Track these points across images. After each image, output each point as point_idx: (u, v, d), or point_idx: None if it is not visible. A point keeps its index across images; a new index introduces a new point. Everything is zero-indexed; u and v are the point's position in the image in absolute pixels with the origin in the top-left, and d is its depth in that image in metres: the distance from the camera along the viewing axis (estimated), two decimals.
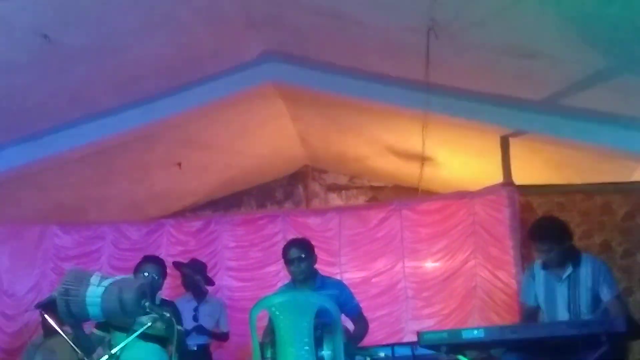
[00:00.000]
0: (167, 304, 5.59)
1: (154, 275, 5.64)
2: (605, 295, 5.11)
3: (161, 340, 5.34)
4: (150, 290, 5.05)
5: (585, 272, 5.16)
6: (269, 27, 7.88)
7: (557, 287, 5.23)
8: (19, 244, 9.05)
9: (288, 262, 5.56)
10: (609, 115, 7.13)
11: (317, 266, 5.79)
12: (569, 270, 5.19)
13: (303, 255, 5.51)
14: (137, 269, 5.76)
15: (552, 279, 5.26)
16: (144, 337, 5.00)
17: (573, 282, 5.17)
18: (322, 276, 5.75)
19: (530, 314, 5.45)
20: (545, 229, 5.35)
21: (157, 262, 5.94)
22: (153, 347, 5.39)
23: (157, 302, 5.34)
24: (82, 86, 7.74)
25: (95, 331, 5.59)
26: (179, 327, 5.35)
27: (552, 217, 6.16)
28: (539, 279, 5.34)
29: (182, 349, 5.72)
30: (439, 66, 7.01)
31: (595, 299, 5.13)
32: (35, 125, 8.18)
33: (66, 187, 9.77)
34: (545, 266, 5.31)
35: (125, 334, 5.07)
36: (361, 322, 5.61)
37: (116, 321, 4.98)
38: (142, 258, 6.04)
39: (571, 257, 5.23)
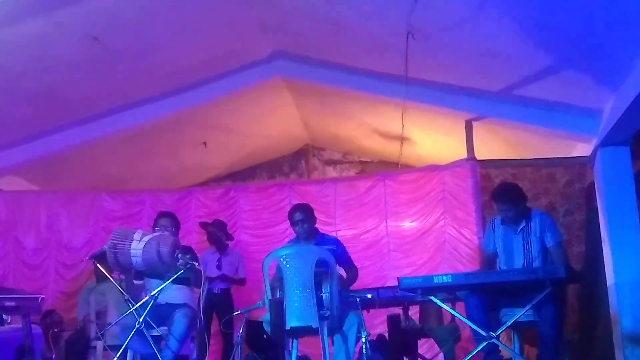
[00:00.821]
0: (188, 250, 5.58)
1: (168, 228, 5.60)
2: (549, 241, 5.12)
3: (187, 282, 5.35)
4: None
5: (535, 224, 5.18)
6: (278, 32, 7.83)
7: (514, 238, 5.23)
8: (75, 208, 9.07)
9: (293, 223, 5.57)
10: (553, 103, 7.10)
11: (316, 225, 5.80)
12: (523, 224, 5.21)
13: (305, 218, 5.52)
14: (154, 224, 5.75)
15: (509, 232, 5.28)
16: (174, 280, 5.02)
17: (526, 233, 5.19)
18: (321, 233, 5.76)
19: (488, 260, 5.47)
20: (506, 193, 5.37)
21: (169, 216, 5.91)
22: (182, 288, 5.41)
23: None
24: (125, 80, 7.72)
25: (135, 282, 5.60)
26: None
27: (511, 183, 6.17)
28: (498, 232, 5.35)
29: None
30: (415, 63, 6.97)
31: (544, 246, 5.15)
32: (87, 111, 8.18)
33: (113, 162, 9.78)
34: (503, 222, 5.32)
35: (158, 280, 5.10)
36: (352, 271, 5.63)
37: (153, 269, 4.99)
38: (157, 214, 6.04)
39: (524, 214, 5.24)
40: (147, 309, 4.82)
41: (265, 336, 4.62)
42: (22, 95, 7.28)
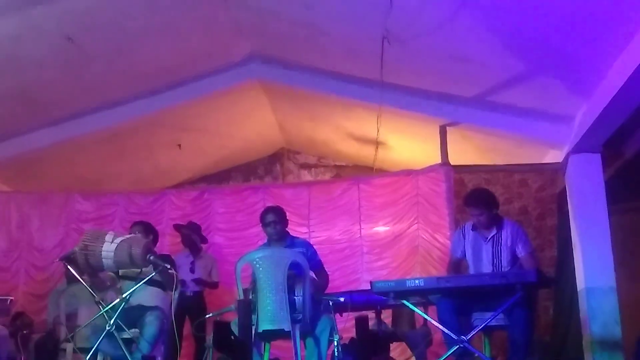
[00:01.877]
0: (164, 257, 5.55)
1: (141, 234, 5.58)
2: (520, 252, 5.15)
3: (160, 285, 5.31)
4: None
5: (506, 233, 5.20)
6: (255, 34, 7.82)
7: (483, 245, 5.25)
8: (47, 208, 8.96)
9: (265, 224, 5.54)
10: (526, 109, 7.16)
11: (291, 227, 5.78)
12: (493, 232, 5.23)
13: (277, 220, 5.49)
14: (129, 231, 5.74)
15: (479, 238, 5.29)
16: (148, 282, 4.99)
17: (496, 242, 5.20)
18: (292, 236, 5.74)
19: (456, 264, 5.49)
20: (478, 197, 5.38)
21: (142, 224, 5.93)
22: (155, 290, 5.37)
23: None
24: (99, 81, 7.67)
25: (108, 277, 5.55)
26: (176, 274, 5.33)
27: (483, 189, 6.21)
28: (468, 238, 5.36)
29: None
30: (391, 68, 6.99)
31: (514, 256, 5.17)
32: (61, 112, 8.12)
33: (86, 163, 9.68)
34: (474, 227, 5.33)
35: (133, 282, 5.06)
36: (323, 276, 5.60)
37: (125, 271, 4.96)
38: (131, 223, 6.05)
39: (496, 221, 5.26)
40: (118, 311, 4.78)
41: (233, 337, 4.59)
42: None
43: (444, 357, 4.72)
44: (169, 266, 4.88)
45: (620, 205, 7.34)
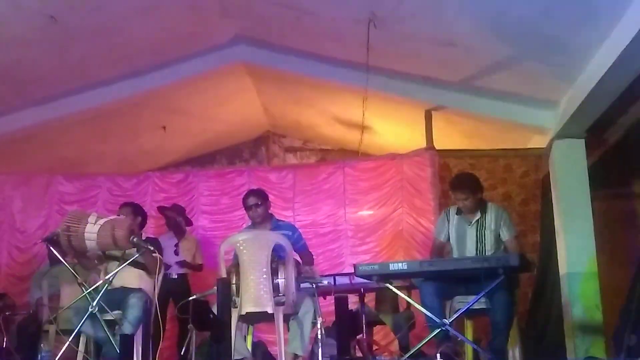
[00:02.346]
0: (151, 240, 5.54)
1: (129, 216, 5.58)
2: (505, 236, 5.18)
3: (144, 267, 5.30)
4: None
5: (490, 217, 5.23)
6: (240, 16, 7.77)
7: (467, 229, 5.28)
8: (30, 190, 8.90)
9: (247, 208, 5.55)
10: (511, 94, 7.19)
11: (276, 211, 5.80)
12: (477, 216, 5.25)
13: (259, 202, 5.50)
14: (117, 213, 5.73)
15: (463, 222, 5.32)
16: (131, 264, 4.99)
17: (480, 226, 5.23)
18: (277, 219, 5.75)
19: (439, 248, 5.51)
20: (464, 181, 5.41)
21: (131, 205, 5.95)
22: (138, 272, 5.36)
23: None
24: (82, 60, 7.59)
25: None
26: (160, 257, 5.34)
27: (469, 173, 6.23)
28: (452, 221, 5.38)
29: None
30: (377, 51, 6.98)
31: (498, 240, 5.20)
32: (42, 92, 8.02)
33: (69, 144, 9.60)
34: (459, 212, 5.36)
35: (118, 262, 5.05)
36: (307, 257, 5.62)
37: (109, 253, 4.96)
38: (119, 205, 6.02)
39: (480, 205, 5.29)
40: (101, 292, 4.78)
41: (212, 316, 4.60)
42: None
43: (426, 340, 4.77)
44: (152, 248, 4.89)
45: (603, 191, 7.40)
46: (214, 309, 4.66)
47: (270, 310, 4.78)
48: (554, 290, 7.15)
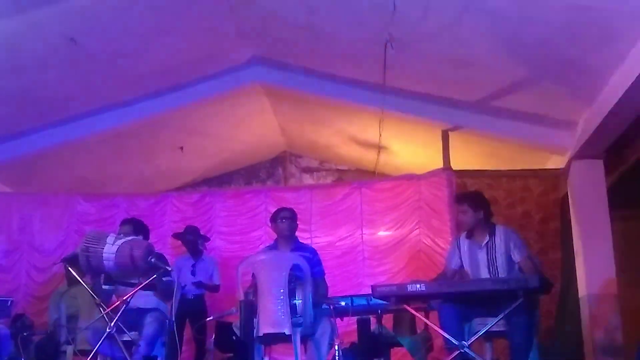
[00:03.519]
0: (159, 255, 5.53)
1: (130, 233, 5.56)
2: (516, 256, 5.11)
3: (155, 290, 5.29)
4: None
5: (499, 239, 5.16)
6: (257, 37, 7.84)
7: (478, 253, 5.22)
8: (49, 210, 8.96)
9: (279, 219, 5.57)
10: (529, 115, 7.18)
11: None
12: (487, 238, 5.20)
13: (292, 217, 5.57)
14: (118, 230, 5.71)
15: (474, 246, 5.26)
16: (145, 287, 4.98)
17: (490, 249, 5.17)
18: (299, 242, 5.76)
19: (451, 276, 5.47)
20: (465, 195, 5.42)
21: (131, 222, 5.90)
22: (151, 293, 5.36)
23: None
24: (101, 82, 7.68)
25: (104, 287, 5.55)
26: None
27: (475, 191, 6.20)
28: (463, 247, 5.32)
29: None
30: (393, 72, 7.00)
31: (509, 261, 5.14)
32: (62, 113, 8.13)
33: (88, 164, 9.69)
34: (468, 235, 5.31)
35: (128, 287, 5.05)
36: (322, 285, 5.59)
37: (125, 275, 4.96)
38: (121, 221, 6.01)
39: (487, 227, 5.24)
40: (119, 313, 4.79)
41: (234, 338, 4.60)
42: None
43: None
44: (170, 269, 4.90)
45: (622, 212, 7.35)
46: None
47: (287, 332, 4.77)
48: (575, 312, 7.08)
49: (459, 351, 4.52)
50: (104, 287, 5.37)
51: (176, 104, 8.52)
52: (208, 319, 6.50)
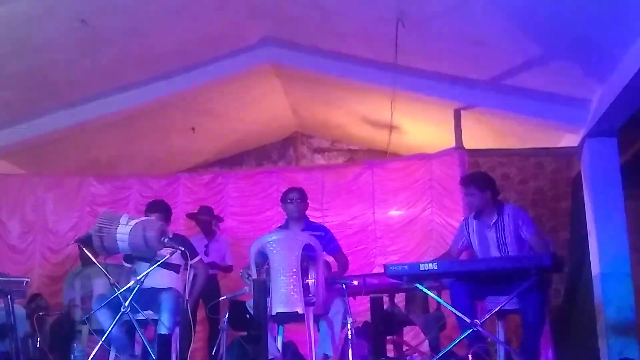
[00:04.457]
0: (179, 237, 5.58)
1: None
2: (526, 234, 5.09)
3: (174, 268, 5.34)
4: None
5: (507, 217, 5.15)
6: (268, 17, 7.81)
7: (487, 232, 5.21)
8: (62, 192, 9.02)
9: (288, 200, 5.62)
10: (542, 93, 7.12)
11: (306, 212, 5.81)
12: (495, 217, 5.18)
13: (300, 198, 5.61)
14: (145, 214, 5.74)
15: (482, 226, 5.25)
16: (162, 265, 5.03)
17: (499, 228, 5.16)
18: (310, 220, 5.78)
19: (456, 255, 5.47)
20: (471, 178, 5.38)
21: (159, 210, 5.88)
22: (168, 272, 5.40)
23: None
24: (113, 63, 7.68)
25: (124, 264, 5.62)
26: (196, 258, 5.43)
27: (481, 172, 6.18)
28: (472, 228, 5.32)
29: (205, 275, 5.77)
30: (405, 51, 6.96)
31: (519, 239, 5.13)
32: (74, 94, 8.15)
33: (100, 146, 9.73)
34: (477, 216, 5.30)
35: (147, 264, 5.10)
36: (342, 259, 5.65)
37: (140, 253, 5.00)
38: (146, 205, 6.01)
39: (495, 206, 5.23)
40: (133, 293, 4.84)
41: (248, 316, 4.63)
42: (9, 78, 7.24)
43: (457, 341, 4.74)
44: (182, 249, 4.94)
45: (636, 190, 7.30)
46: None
47: (300, 311, 4.79)
48: (586, 291, 7.07)
49: (471, 329, 4.53)
50: (124, 264, 5.45)
51: (187, 85, 8.53)
52: (221, 298, 6.54)
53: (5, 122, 8.20)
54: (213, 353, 5.70)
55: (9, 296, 4.98)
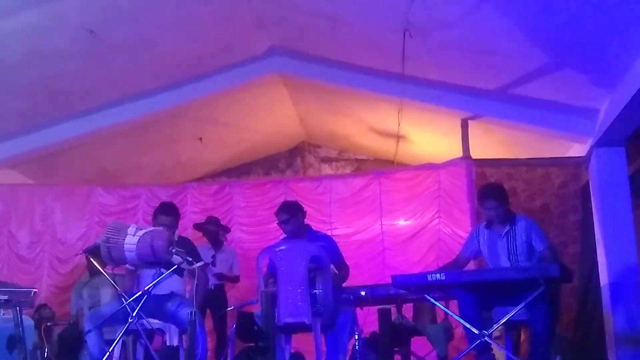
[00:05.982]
0: (184, 240, 5.56)
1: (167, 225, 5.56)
2: (539, 246, 5.09)
3: (179, 271, 5.32)
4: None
5: (520, 228, 5.14)
6: (275, 27, 7.83)
7: (498, 242, 5.21)
8: (70, 201, 9.02)
9: (278, 223, 5.58)
10: (549, 102, 7.10)
11: (311, 222, 5.79)
12: (507, 227, 5.17)
13: (287, 218, 5.52)
14: (154, 217, 5.70)
15: (494, 236, 5.24)
16: (166, 268, 5.01)
17: (511, 237, 5.15)
18: (314, 230, 5.75)
19: (458, 262, 5.46)
20: (490, 191, 5.36)
21: (170, 214, 5.83)
22: (173, 277, 5.38)
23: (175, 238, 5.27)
24: (121, 73, 7.72)
25: (128, 266, 5.58)
26: (200, 263, 5.39)
27: (495, 183, 6.17)
28: (483, 237, 5.31)
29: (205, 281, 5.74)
30: (412, 61, 6.97)
31: (530, 250, 5.12)
32: (83, 104, 8.19)
33: (109, 155, 9.77)
34: (488, 225, 5.29)
35: (151, 271, 5.08)
36: (344, 269, 5.61)
37: (147, 264, 4.99)
38: (157, 207, 5.95)
39: (508, 217, 5.22)
40: (141, 303, 4.82)
41: (256, 327, 4.62)
42: (18, 87, 7.28)
43: (466, 352, 4.71)
44: (190, 259, 4.93)
45: None
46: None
47: (307, 321, 4.78)
48: (595, 301, 7.02)
49: (479, 340, 4.51)
50: (128, 266, 5.42)
51: (195, 95, 8.56)
52: (229, 308, 6.54)
53: (15, 132, 8.23)
54: None
55: (17, 307, 4.98)
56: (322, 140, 11.77)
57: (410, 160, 10.40)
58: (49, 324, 6.92)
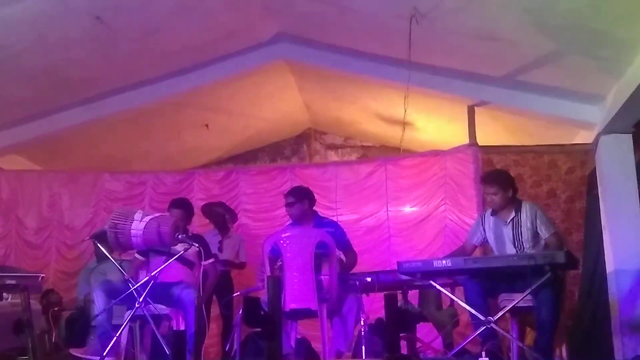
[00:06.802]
0: (196, 237, 5.61)
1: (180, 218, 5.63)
2: (544, 233, 5.10)
3: (188, 263, 5.37)
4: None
5: (525, 215, 5.15)
6: (282, 13, 7.80)
7: (504, 229, 5.22)
8: (77, 187, 9.06)
9: (286, 205, 5.60)
10: (556, 89, 7.08)
11: (318, 209, 5.79)
12: (512, 214, 5.18)
13: (293, 201, 5.56)
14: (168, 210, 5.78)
15: (499, 223, 5.25)
16: (177, 259, 5.05)
17: (516, 224, 5.16)
18: (320, 217, 5.77)
19: (464, 250, 5.47)
20: (494, 176, 5.38)
21: (182, 207, 5.98)
22: (182, 268, 5.43)
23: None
24: (127, 60, 7.71)
25: (137, 256, 5.64)
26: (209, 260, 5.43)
27: (499, 170, 6.17)
28: (488, 224, 5.32)
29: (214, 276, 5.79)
30: (419, 47, 6.93)
31: (535, 236, 5.12)
32: (89, 91, 8.17)
33: (115, 142, 9.78)
34: (493, 212, 5.29)
35: (161, 257, 5.12)
36: (351, 255, 5.63)
37: (154, 249, 5.03)
38: (170, 202, 6.05)
39: (514, 204, 5.22)
40: (147, 289, 4.86)
41: (262, 312, 4.64)
42: (24, 74, 7.27)
43: (471, 338, 4.73)
44: (196, 245, 4.96)
45: None
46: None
47: (314, 307, 4.80)
48: (600, 289, 7.02)
49: (485, 327, 4.52)
50: (137, 256, 5.48)
51: (201, 81, 8.53)
52: (235, 294, 6.56)
53: (22, 119, 8.24)
54: (227, 349, 5.72)
55: (24, 292, 5.01)
56: (328, 127, 11.74)
57: (417, 147, 10.38)
58: (56, 309, 6.96)
